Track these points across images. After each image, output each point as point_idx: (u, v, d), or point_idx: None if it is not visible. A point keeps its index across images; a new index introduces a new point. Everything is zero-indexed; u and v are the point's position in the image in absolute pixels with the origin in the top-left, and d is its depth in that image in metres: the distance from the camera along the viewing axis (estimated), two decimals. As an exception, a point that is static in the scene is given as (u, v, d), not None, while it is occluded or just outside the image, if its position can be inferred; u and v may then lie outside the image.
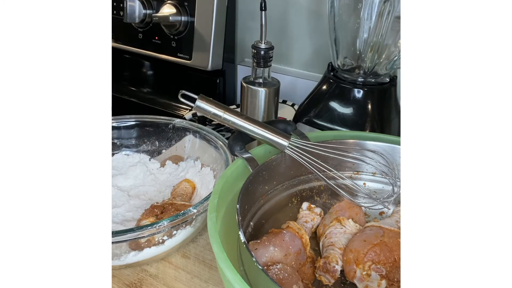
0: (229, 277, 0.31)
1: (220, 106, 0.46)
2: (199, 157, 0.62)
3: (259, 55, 0.58)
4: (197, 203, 0.46)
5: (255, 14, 0.91)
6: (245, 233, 0.39)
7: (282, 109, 0.85)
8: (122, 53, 1.00)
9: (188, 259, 0.49)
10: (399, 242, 0.43)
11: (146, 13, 0.87)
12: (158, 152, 0.65)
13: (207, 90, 0.92)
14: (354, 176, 0.53)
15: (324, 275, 0.43)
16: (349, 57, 0.64)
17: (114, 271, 0.46)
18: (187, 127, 0.63)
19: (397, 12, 0.57)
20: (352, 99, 0.63)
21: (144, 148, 0.65)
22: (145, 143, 0.65)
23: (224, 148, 0.57)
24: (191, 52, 0.86)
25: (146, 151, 0.65)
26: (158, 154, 0.65)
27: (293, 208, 0.52)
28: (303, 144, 0.48)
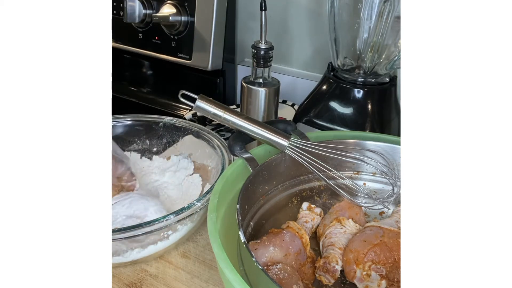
0: (229, 277, 0.31)
1: (220, 106, 0.46)
2: (192, 154, 0.62)
3: (259, 55, 0.58)
4: (199, 197, 0.46)
5: (255, 14, 0.91)
6: (245, 233, 0.39)
7: (282, 109, 0.85)
8: (122, 53, 1.00)
9: (188, 259, 0.49)
10: (399, 242, 0.43)
11: (146, 13, 0.87)
12: (149, 151, 0.65)
13: (207, 90, 0.92)
14: (354, 176, 0.53)
15: (324, 275, 0.43)
16: (349, 57, 0.64)
17: (114, 271, 0.46)
18: (178, 125, 0.63)
19: (397, 12, 0.57)
20: (352, 99, 0.63)
21: (134, 147, 0.65)
22: (135, 142, 0.64)
23: (213, 143, 0.58)
24: (191, 52, 0.86)
25: (137, 150, 0.65)
26: (149, 153, 0.65)
27: (293, 208, 0.52)
28: (303, 144, 0.48)
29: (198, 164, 0.62)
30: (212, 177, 0.57)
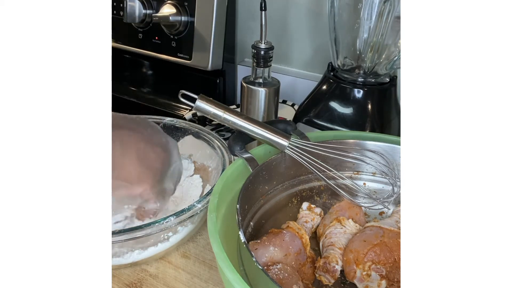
0: (229, 277, 0.31)
1: (220, 106, 0.46)
2: (192, 155, 0.62)
3: (259, 55, 0.58)
4: (200, 198, 0.46)
5: (255, 14, 0.91)
6: (245, 233, 0.39)
7: (282, 109, 0.85)
8: (122, 53, 1.00)
9: (188, 259, 0.49)
10: (399, 242, 0.43)
11: (146, 13, 0.87)
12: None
13: (207, 90, 0.92)
14: (354, 176, 0.53)
15: (324, 275, 0.43)
16: (349, 57, 0.64)
17: (114, 271, 0.46)
18: (178, 126, 0.63)
19: (397, 12, 0.57)
20: (352, 99, 0.63)
21: None
22: None
23: (214, 143, 0.57)
24: (191, 52, 0.86)
25: None
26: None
27: (293, 208, 0.52)
28: (303, 144, 0.48)
29: (198, 165, 0.62)
30: (212, 178, 0.57)
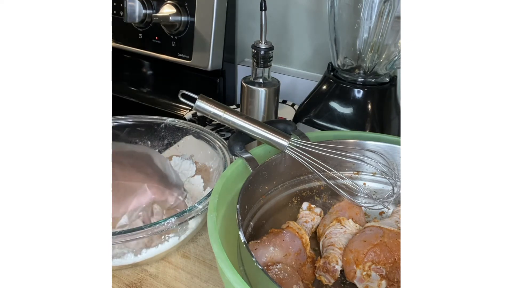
0: (229, 277, 0.31)
1: (220, 106, 0.46)
2: (193, 155, 0.62)
3: (259, 55, 0.58)
4: (201, 199, 0.46)
5: (255, 14, 0.91)
6: (245, 233, 0.39)
7: (282, 109, 0.85)
8: (122, 53, 1.00)
9: (188, 259, 0.49)
10: (399, 242, 0.43)
11: (146, 13, 0.87)
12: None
13: (207, 90, 0.92)
14: (354, 176, 0.53)
15: (324, 275, 0.43)
16: (349, 57, 0.64)
17: (114, 271, 0.46)
18: (179, 126, 0.63)
19: (397, 12, 0.57)
20: (352, 99, 0.63)
21: None
22: (137, 143, 0.64)
23: (215, 144, 0.57)
24: (191, 52, 0.86)
25: None
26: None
27: (293, 208, 0.52)
28: (303, 144, 0.48)
29: (199, 166, 0.62)
30: (213, 179, 0.57)
